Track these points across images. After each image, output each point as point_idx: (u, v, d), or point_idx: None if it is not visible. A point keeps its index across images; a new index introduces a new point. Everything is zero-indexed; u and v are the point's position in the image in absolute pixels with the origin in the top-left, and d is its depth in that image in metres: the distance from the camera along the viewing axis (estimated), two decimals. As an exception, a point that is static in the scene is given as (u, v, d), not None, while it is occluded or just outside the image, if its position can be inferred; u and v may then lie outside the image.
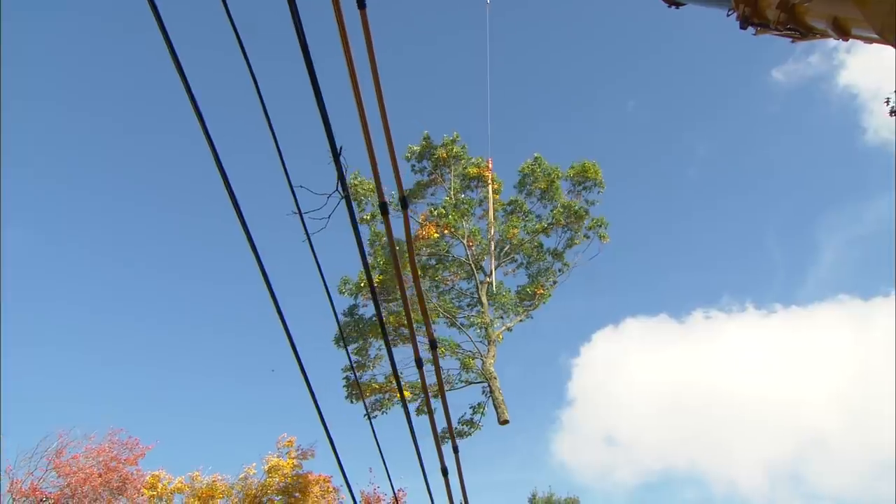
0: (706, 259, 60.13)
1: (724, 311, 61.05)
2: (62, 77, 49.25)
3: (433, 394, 12.66)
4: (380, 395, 21.71)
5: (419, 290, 4.31)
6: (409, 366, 19.25)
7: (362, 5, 3.12)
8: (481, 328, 21.50)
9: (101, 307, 52.49)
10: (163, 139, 55.77)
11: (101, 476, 21.52)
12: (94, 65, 50.12)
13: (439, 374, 6.08)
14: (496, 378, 19.70)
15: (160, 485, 22.61)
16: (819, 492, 50.35)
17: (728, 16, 5.20)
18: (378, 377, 22.34)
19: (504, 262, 23.92)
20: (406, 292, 4.69)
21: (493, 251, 22.79)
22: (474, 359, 20.85)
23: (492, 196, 23.37)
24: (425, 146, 24.73)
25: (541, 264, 23.95)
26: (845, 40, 4.08)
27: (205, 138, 3.14)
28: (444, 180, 24.74)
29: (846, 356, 52.10)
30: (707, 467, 52.18)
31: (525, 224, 23.81)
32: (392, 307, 22.07)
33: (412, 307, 13.08)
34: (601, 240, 23.30)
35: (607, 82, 56.96)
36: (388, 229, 4.26)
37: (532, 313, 23.01)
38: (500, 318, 22.48)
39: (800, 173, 57.17)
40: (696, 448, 51.23)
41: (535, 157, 24.43)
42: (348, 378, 21.90)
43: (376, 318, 21.39)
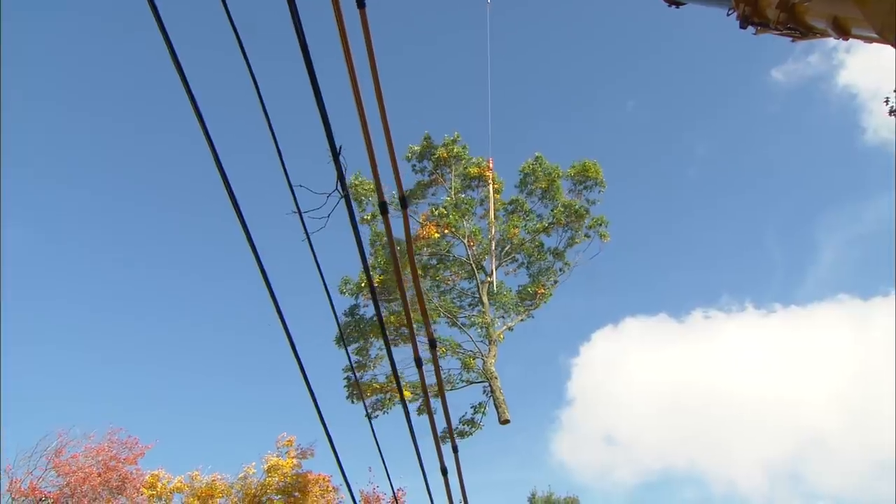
0: (706, 258, 60.17)
1: (723, 310, 61.09)
2: (62, 77, 49.31)
3: (433, 394, 12.66)
4: (381, 395, 21.69)
5: (419, 289, 4.31)
6: (409, 366, 19.25)
7: (362, 5, 3.12)
8: (482, 328, 21.50)
9: (100, 306, 52.59)
10: (163, 139, 55.82)
11: (100, 475, 21.51)
12: (94, 65, 50.20)
13: (439, 374, 6.08)
14: (497, 378, 19.70)
15: (159, 484, 22.60)
16: (818, 491, 50.42)
17: (728, 15, 5.19)
18: (379, 377, 22.38)
19: (505, 262, 23.92)
20: (406, 292, 4.68)
21: (493, 251, 22.78)
22: (475, 358, 20.86)
23: (492, 196, 23.35)
24: (426, 146, 24.74)
25: (542, 264, 23.94)
26: (845, 40, 4.08)
27: (204, 138, 3.14)
28: (445, 180, 24.73)
29: (846, 356, 52.11)
30: (706, 467, 52.24)
31: (526, 223, 23.82)
32: (393, 307, 22.05)
33: (412, 307, 13.08)
34: (601, 239, 23.36)
35: (607, 82, 56.99)
36: (388, 229, 4.26)
37: (533, 313, 23.05)
38: (501, 318, 22.49)
39: (799, 173, 57.19)
40: (696, 448, 51.25)
41: (536, 157, 24.47)
42: (349, 378, 21.89)
43: (376, 318, 21.38)
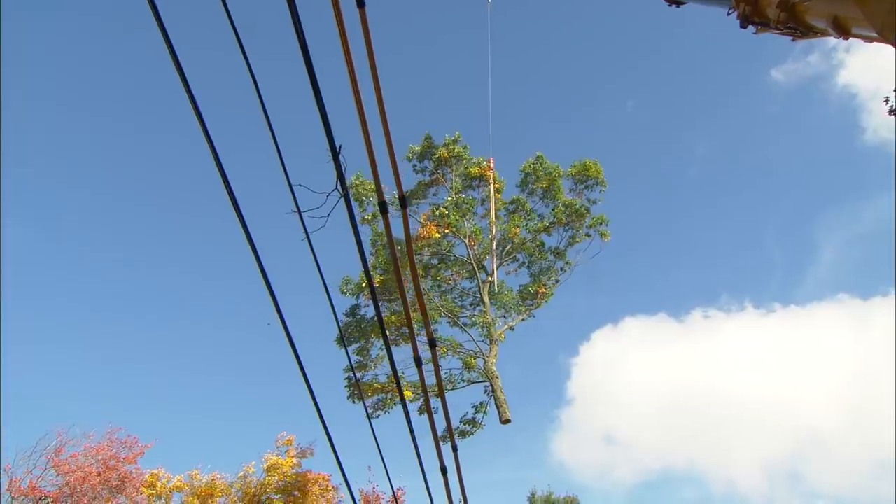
0: (705, 258, 60.15)
1: (723, 310, 61.12)
2: (62, 77, 49.34)
3: (433, 393, 12.65)
4: (382, 395, 21.68)
5: (418, 289, 4.30)
6: (411, 366, 19.23)
7: (361, 4, 3.12)
8: (483, 327, 21.49)
9: (100, 306, 52.62)
10: (163, 139, 55.87)
11: (100, 475, 21.50)
12: (95, 64, 50.23)
13: (438, 373, 6.07)
14: (498, 377, 19.68)
15: (159, 483, 22.58)
16: (818, 491, 50.38)
17: (728, 15, 5.19)
18: (380, 377, 22.35)
19: (506, 262, 23.90)
20: (406, 292, 4.68)
21: (494, 250, 22.75)
22: (476, 358, 20.84)
23: (493, 195, 23.32)
24: (426, 146, 24.70)
25: (542, 263, 23.92)
26: (845, 39, 4.08)
27: (204, 138, 3.14)
28: (446, 180, 24.70)
29: (845, 355, 52.10)
30: (706, 466, 52.26)
31: (527, 223, 23.80)
32: (395, 307, 22.03)
33: (412, 307, 13.07)
34: (602, 238, 23.34)
35: (607, 82, 56.98)
36: (388, 228, 4.25)
37: (534, 312, 23.04)
38: (503, 318, 22.49)
39: (799, 173, 57.19)
40: (695, 447, 51.22)
41: (537, 156, 24.43)
42: (350, 378, 21.88)
43: (377, 318, 21.36)
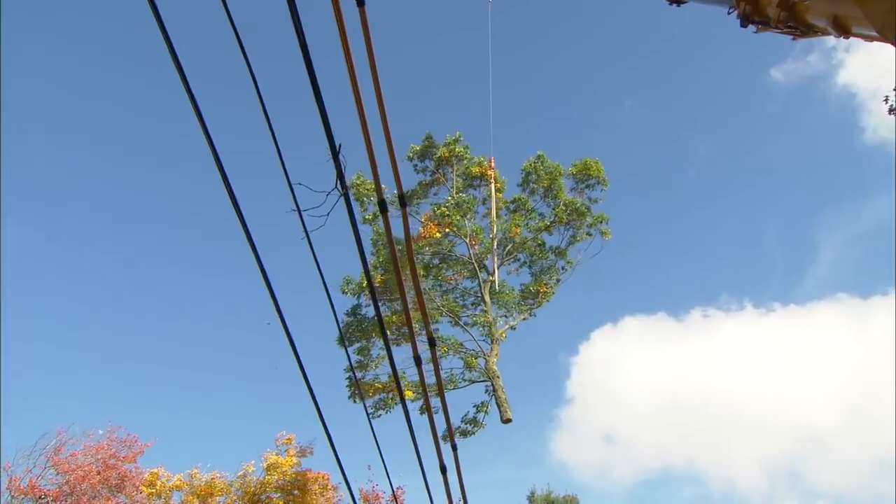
0: (705, 258, 60.07)
1: (722, 309, 61.11)
2: (62, 77, 49.28)
3: (433, 393, 12.65)
4: (383, 395, 21.67)
5: (418, 288, 4.30)
6: (412, 365, 19.22)
7: (361, 3, 3.12)
8: (484, 327, 21.49)
9: (100, 305, 52.57)
10: (163, 138, 55.78)
11: (99, 474, 21.47)
12: (95, 65, 50.14)
13: (438, 372, 6.07)
14: (499, 377, 19.69)
15: (159, 482, 22.57)
16: (817, 490, 50.42)
17: (729, 14, 5.19)
18: (381, 377, 22.36)
19: (507, 261, 23.90)
20: (406, 292, 4.68)
21: (495, 250, 22.74)
22: (477, 358, 20.84)
23: (494, 195, 23.31)
24: (427, 146, 24.67)
25: (543, 262, 23.93)
26: (846, 38, 4.08)
27: (204, 137, 3.14)
28: (447, 180, 24.68)
29: (845, 355, 52.08)
30: (705, 466, 52.25)
31: (527, 222, 23.78)
32: (396, 307, 22.03)
33: (412, 307, 13.07)
34: (603, 236, 23.34)
35: (608, 81, 56.90)
36: (387, 227, 4.26)
37: (535, 311, 23.05)
38: (504, 317, 22.51)
39: (799, 172, 57.11)
40: (695, 446, 51.22)
41: (538, 155, 24.41)
42: (351, 378, 21.89)
43: (378, 317, 21.36)
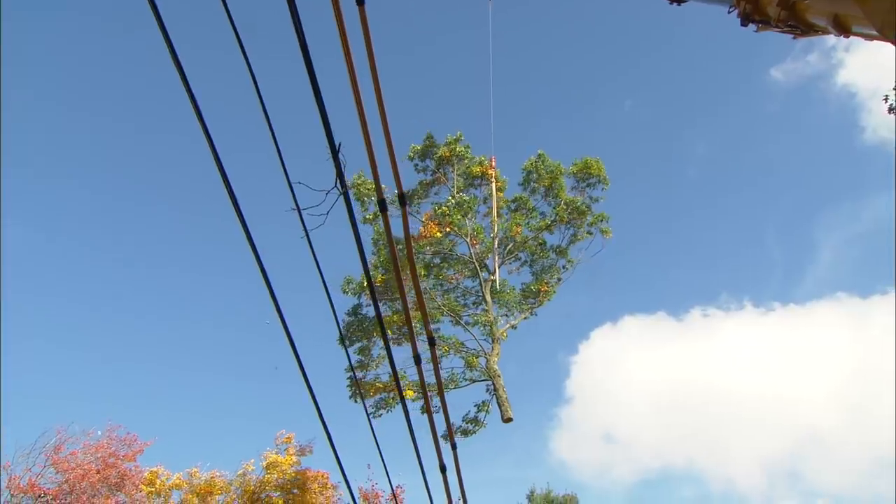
0: (705, 257, 60.16)
1: (722, 309, 61.26)
2: (63, 76, 49.34)
3: (433, 392, 12.65)
4: (384, 394, 21.67)
5: (417, 286, 4.31)
6: (412, 365, 19.18)
7: (361, 2, 3.11)
8: (485, 326, 21.48)
9: (100, 304, 52.62)
10: (163, 138, 55.87)
11: (99, 472, 21.48)
12: (95, 64, 50.19)
13: (437, 371, 6.08)
14: (500, 376, 19.69)
15: (158, 481, 22.60)
16: (817, 489, 50.48)
17: (729, 13, 5.19)
18: (382, 376, 22.36)
19: (508, 260, 23.89)
20: (405, 291, 4.68)
21: (496, 249, 22.74)
22: (478, 357, 20.85)
23: (495, 194, 23.29)
24: (428, 145, 24.62)
25: (544, 262, 23.92)
26: (846, 37, 4.08)
27: (204, 137, 3.14)
28: (448, 179, 24.65)
29: (844, 354, 52.16)
30: (705, 465, 52.28)
31: (528, 221, 23.75)
32: (397, 306, 22.01)
33: (412, 306, 13.07)
34: (603, 235, 23.31)
35: (608, 80, 56.92)
36: (387, 226, 4.26)
37: (536, 310, 23.06)
38: (505, 316, 22.52)
39: (798, 172, 57.20)
40: (694, 446, 51.31)
41: (539, 154, 24.35)
42: (352, 377, 21.89)
43: (378, 317, 21.34)
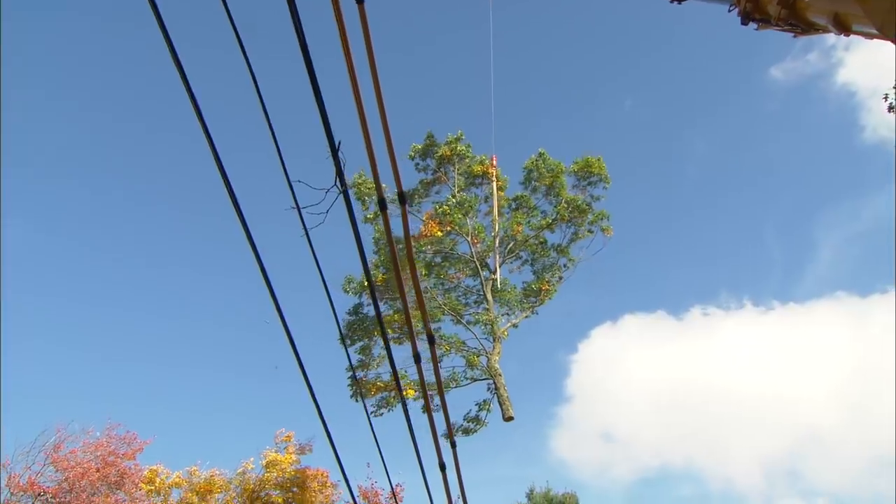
0: (704, 256, 59.99)
1: (721, 307, 61.13)
2: (63, 76, 49.28)
3: (433, 391, 12.66)
4: (385, 393, 21.67)
5: (416, 285, 4.30)
6: (413, 364, 19.17)
7: (360, 0, 3.11)
8: (486, 325, 21.48)
9: (100, 303, 52.51)
10: (163, 137, 55.79)
11: (98, 471, 21.48)
12: (95, 63, 50.10)
13: (437, 369, 6.07)
14: (501, 375, 19.69)
15: (158, 479, 22.59)
16: (816, 488, 50.47)
17: (730, 11, 5.20)
18: (384, 375, 22.36)
19: (509, 259, 23.88)
20: (405, 290, 4.69)
21: (497, 248, 22.73)
22: (479, 356, 20.86)
23: (496, 193, 23.27)
24: (429, 144, 24.59)
25: (545, 260, 23.89)
26: (846, 36, 4.08)
27: (204, 135, 3.14)
28: (448, 178, 24.63)
29: (844, 353, 52.14)
30: (704, 464, 52.22)
31: (529, 220, 23.74)
32: (398, 305, 22.00)
33: (412, 305, 13.08)
34: (604, 233, 23.28)
35: (608, 79, 56.85)
36: (386, 224, 4.25)
37: (537, 309, 23.06)
38: (506, 315, 22.52)
39: (798, 171, 57.14)
40: (694, 444, 51.30)
41: (540, 153, 24.32)
42: (354, 377, 21.92)
43: (376, 317, 21.36)
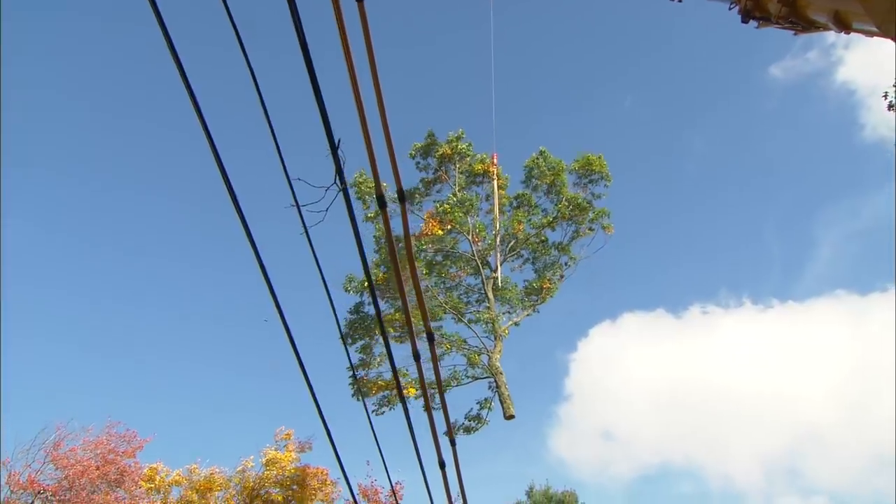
0: (704, 254, 60.17)
1: (721, 305, 61.33)
2: (63, 74, 49.44)
3: (433, 389, 12.63)
4: (386, 392, 21.68)
5: (416, 283, 4.30)
6: (413, 363, 19.15)
7: (360, -1, 3.10)
8: (487, 324, 21.47)
9: (99, 300, 52.66)
10: (163, 134, 55.91)
11: (98, 469, 21.49)
12: (95, 61, 50.24)
13: (437, 368, 6.07)
14: (502, 373, 19.69)
15: (158, 477, 22.61)
16: (816, 486, 50.54)
17: (730, 9, 5.19)
18: (385, 374, 22.37)
19: (510, 257, 23.85)
20: (405, 288, 4.68)
21: (498, 246, 22.70)
22: (480, 354, 20.85)
23: (497, 191, 23.21)
24: (429, 143, 24.54)
25: (546, 258, 23.84)
26: (846, 33, 4.08)
27: (204, 133, 3.14)
28: (449, 177, 24.58)
29: (843, 351, 52.25)
30: (703, 462, 52.32)
31: (530, 218, 23.70)
32: (399, 303, 21.98)
33: (412, 306, 13.07)
34: (605, 231, 23.23)
35: (608, 78, 56.87)
36: (386, 222, 4.25)
37: (538, 307, 23.01)
38: (507, 314, 22.49)
39: (798, 169, 57.23)
40: (693, 442, 51.42)
41: (541, 151, 24.25)
42: (354, 376, 21.91)
43: (376, 315, 21.32)
